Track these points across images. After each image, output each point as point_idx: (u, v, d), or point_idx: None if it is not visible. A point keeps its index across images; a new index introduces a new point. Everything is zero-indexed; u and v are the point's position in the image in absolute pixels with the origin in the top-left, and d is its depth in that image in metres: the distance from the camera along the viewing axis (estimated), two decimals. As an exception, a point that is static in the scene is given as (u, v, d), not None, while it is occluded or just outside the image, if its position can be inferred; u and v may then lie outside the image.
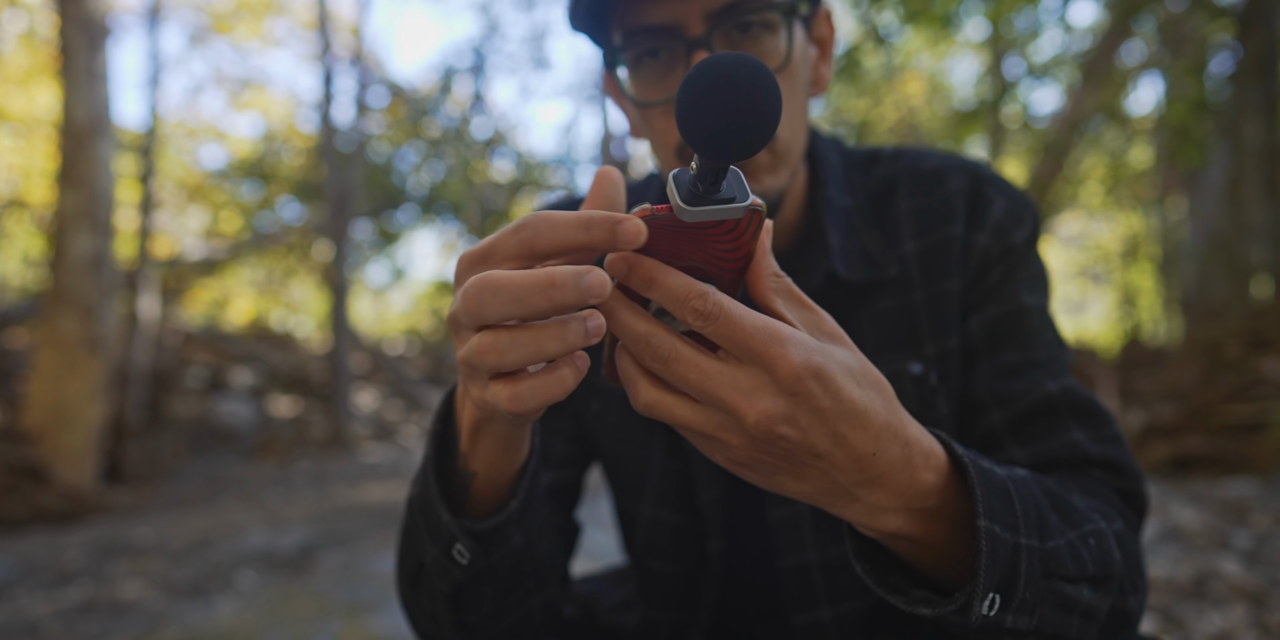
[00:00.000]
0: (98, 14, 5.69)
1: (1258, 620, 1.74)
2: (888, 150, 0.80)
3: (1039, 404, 0.66)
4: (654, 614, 0.79)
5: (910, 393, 0.69)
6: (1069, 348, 0.72)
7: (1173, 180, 9.72)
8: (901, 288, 0.71)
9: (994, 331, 0.70)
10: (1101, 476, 0.62)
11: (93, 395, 5.54)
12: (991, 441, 0.67)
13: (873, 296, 0.72)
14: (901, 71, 13.24)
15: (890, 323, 0.71)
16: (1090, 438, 0.64)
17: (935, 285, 0.71)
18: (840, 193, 0.75)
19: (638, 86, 0.67)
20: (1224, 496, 2.90)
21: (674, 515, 0.77)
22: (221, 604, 2.79)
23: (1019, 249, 0.71)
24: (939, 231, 0.71)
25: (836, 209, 0.73)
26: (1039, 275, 0.73)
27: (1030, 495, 0.49)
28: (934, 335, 0.70)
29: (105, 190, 5.66)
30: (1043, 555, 0.47)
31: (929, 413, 0.69)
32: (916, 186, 0.74)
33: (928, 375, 0.70)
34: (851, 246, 0.72)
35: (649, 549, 0.79)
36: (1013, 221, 0.71)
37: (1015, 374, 0.68)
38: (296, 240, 13.96)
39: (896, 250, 0.72)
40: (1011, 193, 0.73)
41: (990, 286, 0.71)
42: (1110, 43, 6.78)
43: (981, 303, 0.71)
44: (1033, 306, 0.70)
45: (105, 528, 4.60)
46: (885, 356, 0.70)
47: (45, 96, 11.44)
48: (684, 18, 0.62)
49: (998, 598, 0.45)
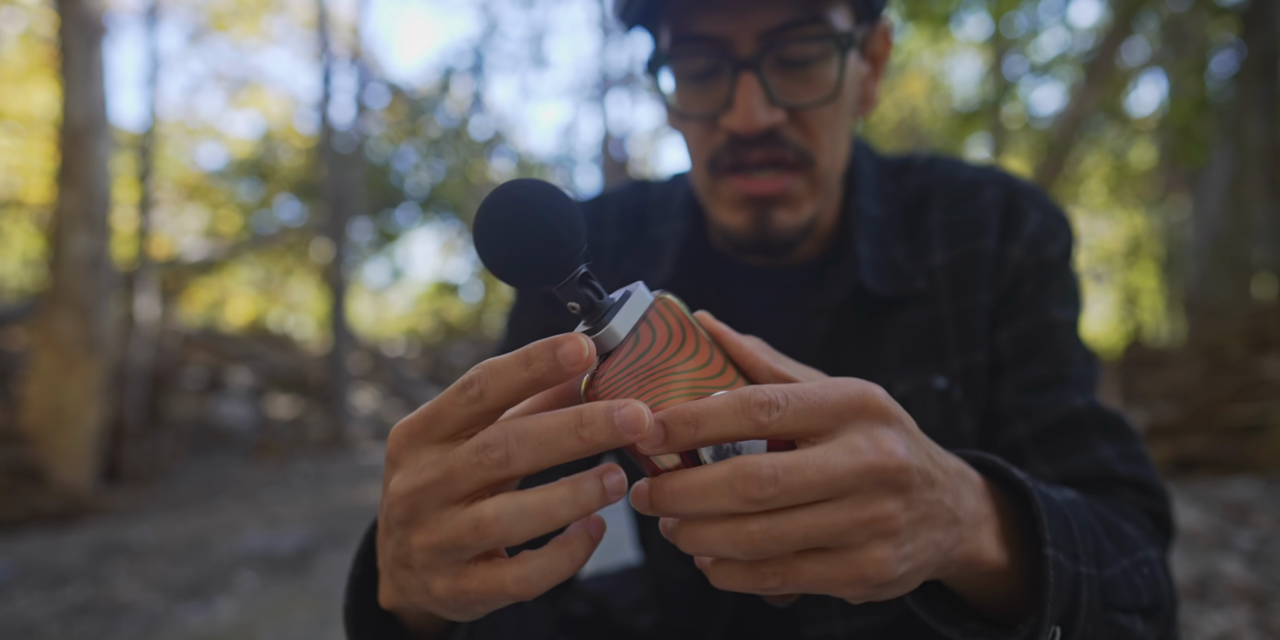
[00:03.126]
0: (95, 13, 5.68)
1: (1260, 621, 1.74)
2: (920, 159, 0.78)
3: (1065, 419, 0.64)
4: (669, 617, 0.78)
5: (934, 408, 0.68)
6: (1098, 364, 0.71)
7: (1175, 180, 9.72)
8: (929, 301, 0.70)
9: (1023, 345, 0.68)
10: (1130, 497, 0.61)
11: (91, 396, 5.52)
12: (1015, 455, 0.66)
13: (900, 310, 0.71)
14: (903, 71, 13.24)
15: (917, 337, 0.70)
16: (1118, 455, 0.63)
17: (964, 299, 0.69)
18: (872, 202, 0.73)
19: (680, 95, 0.65)
20: (1226, 497, 2.90)
21: None
22: (220, 605, 2.78)
23: (1053, 263, 0.70)
24: (970, 244, 0.70)
25: (868, 219, 0.72)
26: (1072, 290, 0.72)
27: (1085, 521, 0.48)
28: (960, 350, 0.69)
29: (103, 190, 5.65)
30: (1101, 584, 0.46)
31: (951, 428, 0.68)
32: (949, 199, 0.73)
33: (952, 390, 0.68)
34: (880, 258, 0.71)
35: (665, 550, 0.78)
36: (1047, 235, 0.70)
37: (1043, 388, 0.67)
38: (295, 240, 13.96)
39: (925, 263, 0.71)
40: (1047, 206, 0.72)
41: (1022, 300, 0.69)
42: (1112, 41, 6.78)
43: (1012, 316, 0.69)
44: (1063, 321, 0.69)
45: (103, 529, 4.59)
46: (910, 370, 0.69)
47: (43, 95, 11.43)
48: (736, 33, 0.60)
49: (1058, 630, 0.43)
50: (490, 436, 0.33)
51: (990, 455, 0.46)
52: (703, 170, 0.66)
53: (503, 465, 0.33)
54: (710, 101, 0.63)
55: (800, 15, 0.59)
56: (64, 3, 5.56)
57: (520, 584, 0.34)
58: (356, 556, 0.48)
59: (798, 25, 0.59)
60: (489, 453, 0.33)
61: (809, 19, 0.59)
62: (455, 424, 0.35)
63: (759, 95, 0.59)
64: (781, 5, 0.59)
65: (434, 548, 0.35)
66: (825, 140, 0.63)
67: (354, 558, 0.48)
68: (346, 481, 6.55)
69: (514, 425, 0.33)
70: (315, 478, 6.97)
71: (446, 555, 0.35)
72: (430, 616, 0.47)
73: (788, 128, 0.62)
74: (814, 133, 0.63)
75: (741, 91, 0.59)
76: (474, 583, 0.35)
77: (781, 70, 0.61)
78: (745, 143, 0.61)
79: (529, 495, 0.33)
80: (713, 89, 0.63)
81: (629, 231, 0.80)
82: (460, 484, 0.34)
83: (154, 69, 8.96)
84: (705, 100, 0.63)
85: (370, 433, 10.41)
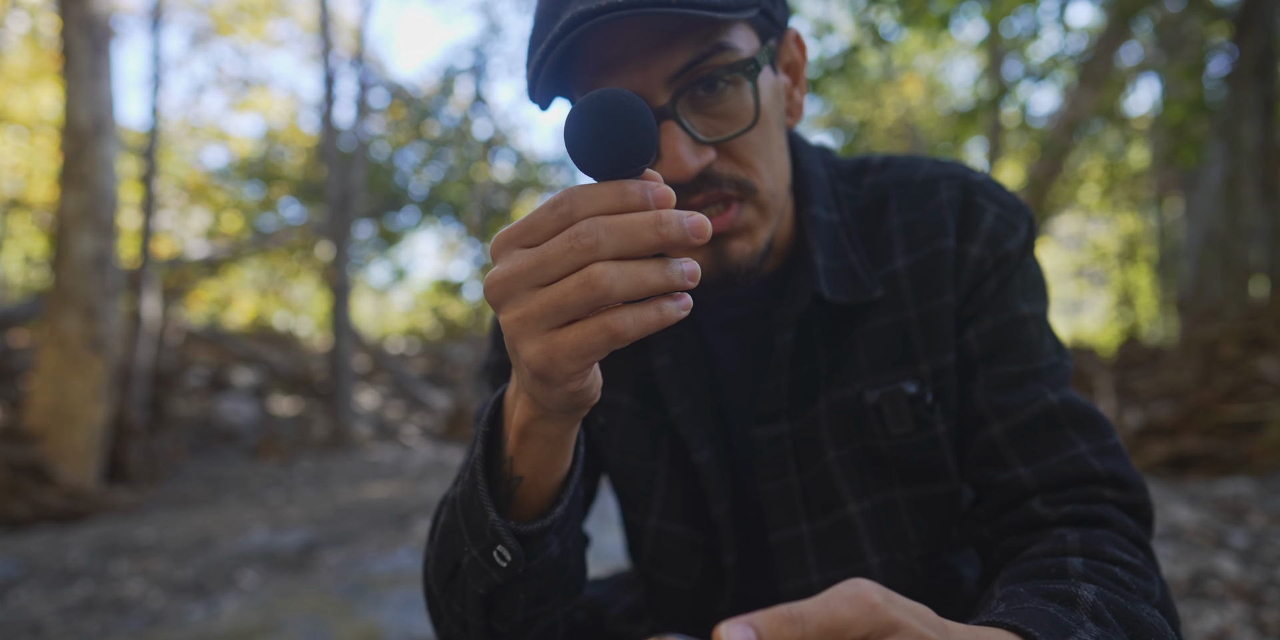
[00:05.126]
0: (101, 15, 5.71)
1: (1254, 619, 1.74)
2: (876, 159, 0.78)
3: (1040, 415, 0.65)
4: (664, 626, 0.79)
5: (905, 413, 0.68)
6: (1069, 354, 0.71)
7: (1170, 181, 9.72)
8: (893, 306, 0.70)
9: (992, 343, 0.68)
10: (1110, 495, 0.62)
11: (95, 395, 5.55)
12: (992, 454, 0.66)
13: (864, 316, 0.70)
14: (901, 73, 13.24)
15: (884, 342, 0.70)
16: (1094, 451, 0.63)
17: (928, 302, 0.69)
18: (826, 210, 0.73)
19: None
20: (1221, 496, 2.90)
21: (681, 528, 0.77)
22: (223, 603, 2.80)
23: (1014, 257, 0.69)
24: (930, 246, 0.70)
25: (823, 227, 0.72)
26: (1036, 282, 0.71)
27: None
28: (929, 353, 0.69)
29: (108, 191, 5.68)
30: None
31: (925, 431, 0.69)
32: (907, 199, 0.72)
33: (923, 394, 0.68)
34: (837, 266, 0.70)
35: (655, 560, 0.78)
36: (1006, 229, 0.70)
37: (1016, 385, 0.67)
38: (298, 241, 13.98)
39: (887, 268, 0.71)
40: (1004, 199, 0.71)
41: (986, 298, 0.69)
42: (1108, 44, 6.79)
43: (978, 315, 0.69)
44: (1030, 315, 0.69)
45: (107, 527, 4.61)
46: (880, 377, 0.69)
47: (49, 97, 11.47)
48: (644, 85, 0.60)
49: None
50: (583, 227, 0.39)
51: (1017, 623, 0.46)
52: None
53: (591, 250, 0.38)
54: None
55: (701, 50, 0.59)
56: (69, 5, 5.59)
57: (613, 325, 0.39)
58: (486, 417, 0.55)
59: (703, 59, 0.59)
60: (581, 239, 0.38)
61: (712, 51, 0.59)
62: (545, 235, 0.40)
63: (684, 141, 0.60)
64: (681, 47, 0.59)
65: (524, 318, 0.40)
66: (760, 165, 0.64)
67: (483, 417, 0.55)
68: (349, 480, 6.57)
69: (604, 218, 0.39)
70: (317, 476, 6.99)
71: (539, 323, 0.40)
72: (536, 488, 0.53)
73: (720, 164, 0.62)
74: (746, 161, 0.63)
75: (667, 142, 0.60)
76: (568, 337, 0.40)
77: (698, 110, 0.61)
78: (684, 189, 0.62)
79: (628, 263, 0.39)
80: None
81: None
82: (551, 268, 0.39)
83: (158, 71, 8.99)
84: None
85: (372, 431, 10.43)
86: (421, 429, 10.99)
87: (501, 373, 0.79)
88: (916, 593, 0.73)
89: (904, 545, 0.71)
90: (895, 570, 0.71)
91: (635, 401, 0.76)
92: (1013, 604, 0.50)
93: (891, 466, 0.70)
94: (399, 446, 9.62)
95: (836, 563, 0.71)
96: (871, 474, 0.71)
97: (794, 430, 0.72)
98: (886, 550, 0.71)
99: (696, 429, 0.73)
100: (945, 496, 0.71)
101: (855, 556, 0.70)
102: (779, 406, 0.71)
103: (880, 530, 0.70)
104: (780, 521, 0.72)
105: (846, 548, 0.70)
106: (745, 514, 0.76)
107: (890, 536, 0.71)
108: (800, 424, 0.71)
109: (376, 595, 2.76)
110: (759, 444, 0.71)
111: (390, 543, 3.66)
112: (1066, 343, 0.76)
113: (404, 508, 4.68)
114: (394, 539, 3.74)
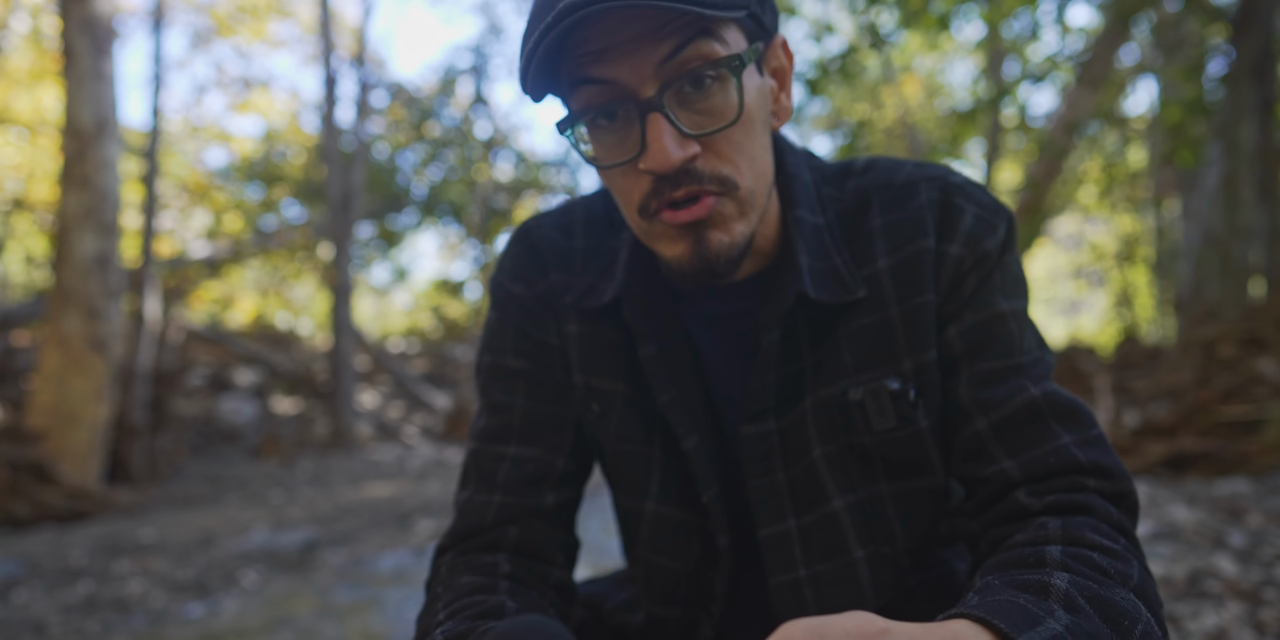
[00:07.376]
0: (103, 16, 5.73)
1: (1252, 618, 1.74)
2: (859, 163, 0.79)
3: (1023, 409, 0.66)
4: (660, 610, 0.80)
5: (889, 409, 0.70)
6: (1049, 349, 0.72)
7: (1168, 181, 9.72)
8: (876, 305, 0.72)
9: (973, 340, 0.70)
10: (1094, 484, 0.63)
11: (97, 395, 5.57)
12: (978, 448, 0.67)
13: (848, 316, 0.72)
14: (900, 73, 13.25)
15: (867, 340, 0.72)
16: (1077, 441, 0.65)
17: (910, 301, 0.71)
18: (811, 212, 0.75)
19: (598, 148, 0.67)
20: (1219, 495, 2.91)
21: (677, 511, 0.78)
22: (224, 602, 2.81)
23: (993, 256, 0.71)
24: (910, 246, 0.72)
25: (807, 229, 0.73)
26: (1015, 280, 0.72)
27: (1091, 633, 0.50)
28: (911, 350, 0.71)
29: (110, 191, 5.70)
30: None
31: (908, 427, 0.70)
32: (888, 201, 0.74)
33: (906, 390, 0.70)
34: (822, 267, 0.72)
35: (653, 544, 0.79)
36: (985, 229, 0.71)
37: (998, 381, 0.68)
38: (299, 241, 13.99)
39: (870, 268, 0.73)
40: (983, 200, 0.73)
41: (966, 296, 0.71)
42: (1106, 45, 6.79)
43: (959, 313, 0.71)
44: (1010, 311, 0.70)
45: (109, 526, 4.63)
46: (863, 374, 0.71)
47: (51, 98, 11.49)
48: (631, 76, 0.61)
49: None
50: None
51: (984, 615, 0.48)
52: (636, 218, 0.68)
53: None
54: (626, 149, 0.65)
55: (686, 36, 0.61)
56: (70, 6, 5.61)
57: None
58: None
59: (689, 44, 0.61)
60: None
61: (698, 36, 0.61)
62: None
63: (670, 133, 0.61)
64: (669, 39, 0.60)
65: None
66: (742, 162, 0.65)
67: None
68: (350, 479, 6.59)
69: None
70: (318, 476, 7.01)
71: None
72: None
73: (703, 160, 0.64)
74: (728, 156, 0.65)
75: (652, 132, 0.61)
76: None
77: (684, 105, 0.63)
78: (668, 182, 0.64)
79: None
80: (626, 136, 0.65)
81: (595, 237, 0.82)
82: None
83: (159, 71, 9.01)
84: (621, 148, 0.65)
85: (373, 431, 10.45)
86: (422, 429, 11.01)
87: (493, 375, 0.80)
88: (904, 586, 0.74)
89: (889, 539, 0.72)
90: (881, 564, 0.72)
91: (629, 389, 0.78)
92: (985, 596, 0.52)
93: (876, 462, 0.72)
94: (400, 446, 9.64)
95: (822, 557, 0.72)
96: (856, 469, 0.72)
97: (781, 428, 0.73)
98: (872, 544, 0.72)
99: (683, 417, 0.75)
100: (929, 491, 0.73)
101: (841, 550, 0.72)
102: (766, 404, 0.72)
103: (865, 524, 0.72)
104: (768, 517, 0.73)
105: (832, 542, 0.72)
106: (734, 502, 0.78)
107: (876, 530, 0.72)
108: (787, 422, 0.73)
109: (377, 594, 2.78)
110: (747, 441, 0.73)
111: (391, 542, 3.67)
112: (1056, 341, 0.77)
113: (405, 507, 4.69)
114: (395, 538, 3.75)
